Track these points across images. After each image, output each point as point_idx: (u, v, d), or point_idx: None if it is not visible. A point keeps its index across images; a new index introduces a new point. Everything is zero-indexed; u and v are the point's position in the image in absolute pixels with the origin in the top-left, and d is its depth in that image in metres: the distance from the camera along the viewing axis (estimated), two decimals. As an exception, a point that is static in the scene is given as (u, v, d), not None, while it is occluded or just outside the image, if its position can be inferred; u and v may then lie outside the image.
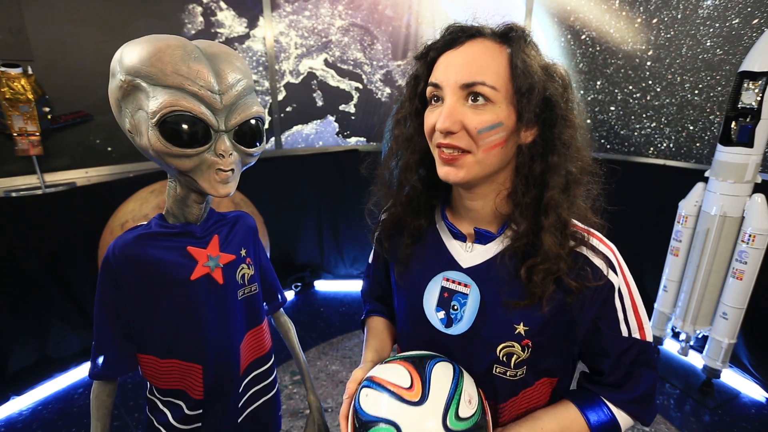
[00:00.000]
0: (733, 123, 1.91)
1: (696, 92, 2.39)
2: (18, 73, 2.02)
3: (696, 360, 2.40)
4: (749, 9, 2.12)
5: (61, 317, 2.28)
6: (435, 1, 2.99)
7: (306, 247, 3.30)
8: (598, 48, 2.72)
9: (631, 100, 2.66)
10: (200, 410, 0.88)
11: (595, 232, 0.70)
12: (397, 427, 0.57)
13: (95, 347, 0.83)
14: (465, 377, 0.64)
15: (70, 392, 2.23)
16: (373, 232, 0.86)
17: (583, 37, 2.77)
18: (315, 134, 3.16)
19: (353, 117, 3.18)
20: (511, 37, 0.63)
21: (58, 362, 2.29)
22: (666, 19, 2.43)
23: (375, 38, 3.02)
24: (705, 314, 2.16)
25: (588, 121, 2.82)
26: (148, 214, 1.96)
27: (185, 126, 0.66)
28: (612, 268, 0.67)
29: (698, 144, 2.44)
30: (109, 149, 2.43)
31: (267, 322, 1.02)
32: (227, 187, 0.74)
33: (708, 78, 2.33)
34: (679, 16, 2.38)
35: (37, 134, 2.10)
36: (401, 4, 2.97)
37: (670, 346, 2.54)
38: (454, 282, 0.71)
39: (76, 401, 2.16)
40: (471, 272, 0.70)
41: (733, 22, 2.19)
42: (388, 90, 3.15)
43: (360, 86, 3.11)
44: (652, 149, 2.63)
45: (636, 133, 2.68)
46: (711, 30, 2.27)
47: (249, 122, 0.73)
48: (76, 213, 2.23)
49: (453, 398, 0.60)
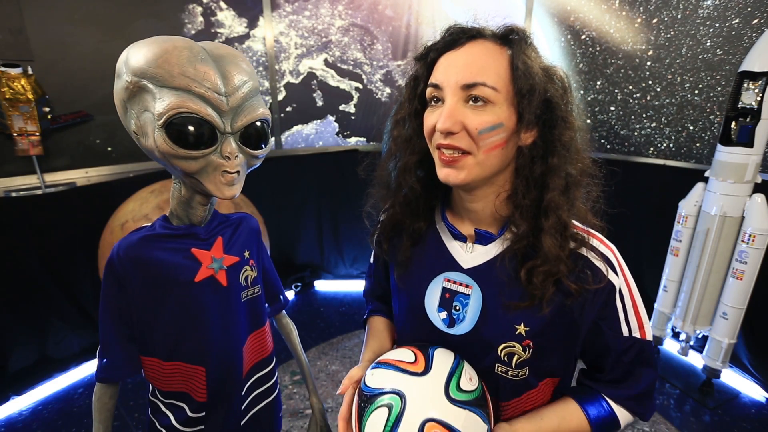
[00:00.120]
0: (733, 123, 1.91)
1: (696, 92, 2.39)
2: (18, 73, 2.02)
3: (696, 360, 2.40)
4: (749, 9, 2.12)
5: (61, 317, 2.28)
6: (435, 1, 2.98)
7: (306, 247, 3.30)
8: (598, 48, 2.72)
9: (631, 100, 2.66)
10: (203, 413, 0.88)
11: (596, 233, 0.70)
12: (401, 395, 0.59)
13: (101, 350, 0.83)
14: (465, 363, 0.66)
15: (70, 392, 2.22)
16: (372, 235, 0.86)
17: (583, 37, 2.77)
18: (315, 134, 3.16)
19: (353, 117, 3.18)
20: (512, 39, 0.63)
21: (58, 362, 2.29)
22: (666, 19, 2.43)
23: (375, 38, 3.02)
24: (705, 314, 2.16)
25: (588, 121, 2.82)
26: (148, 214, 1.96)
27: (191, 128, 0.66)
28: (612, 269, 0.67)
29: (698, 144, 2.44)
30: (109, 149, 2.43)
31: (269, 324, 1.01)
32: (233, 189, 0.73)
33: (708, 78, 2.33)
34: (679, 16, 2.38)
35: (37, 134, 2.10)
36: (401, 4, 2.97)
37: (670, 346, 2.54)
38: (456, 283, 0.71)
39: (76, 401, 2.16)
40: (472, 273, 0.70)
41: (733, 22, 2.19)
42: (388, 90, 3.15)
43: (360, 86, 3.11)
44: (652, 149, 2.63)
45: (636, 133, 2.68)
46: (711, 30, 2.27)
47: (255, 124, 0.73)
48: (76, 213, 2.23)
49: (455, 373, 0.63)
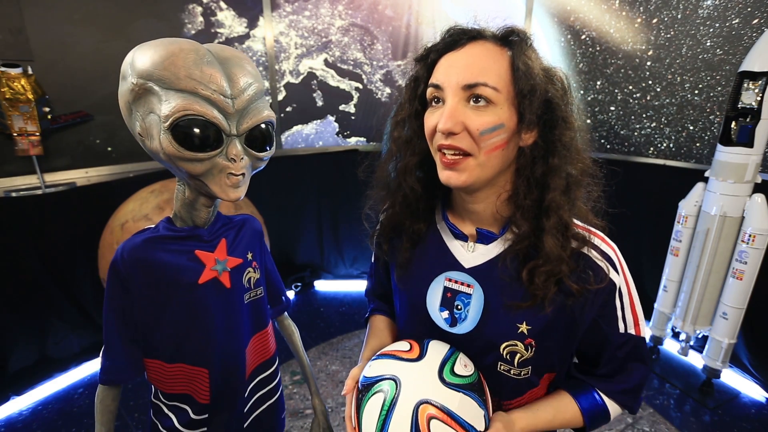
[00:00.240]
0: (733, 123, 1.91)
1: (696, 92, 2.39)
2: (18, 73, 2.02)
3: (696, 360, 2.40)
4: (749, 9, 2.12)
5: (61, 317, 2.28)
6: (435, 1, 2.98)
7: (306, 247, 3.30)
8: (598, 48, 2.72)
9: (631, 100, 2.66)
10: (206, 415, 0.88)
11: (597, 232, 0.70)
12: (396, 380, 0.62)
13: (105, 352, 0.83)
14: (462, 353, 0.68)
15: (70, 392, 2.22)
16: (372, 236, 0.86)
17: (583, 37, 2.77)
18: (315, 134, 3.16)
19: (353, 117, 3.18)
20: (512, 41, 0.63)
21: (58, 362, 2.29)
22: (666, 19, 2.43)
23: (375, 38, 3.02)
24: (705, 314, 2.16)
25: (588, 122, 2.82)
26: (148, 214, 1.96)
27: (197, 130, 0.66)
28: (614, 268, 0.68)
29: (698, 144, 2.44)
30: (109, 149, 2.43)
31: (272, 326, 1.01)
32: (238, 192, 0.73)
33: (708, 78, 2.33)
34: (679, 16, 2.38)
35: (37, 134, 2.10)
36: (401, 4, 2.97)
37: (670, 346, 2.54)
38: (457, 282, 0.71)
39: (76, 401, 2.16)
40: (473, 272, 0.70)
41: (733, 22, 2.19)
42: (388, 90, 3.15)
43: (360, 86, 3.11)
44: (652, 149, 2.63)
45: (636, 133, 2.68)
46: (711, 30, 2.27)
47: (260, 126, 0.73)
48: (76, 213, 2.23)
49: (449, 359, 0.65)
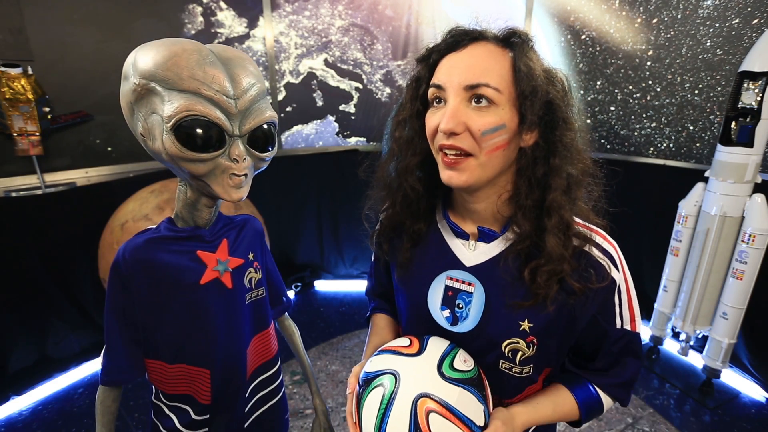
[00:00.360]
0: (733, 123, 1.91)
1: (696, 92, 2.39)
2: (18, 73, 2.02)
3: (696, 360, 2.40)
4: (749, 9, 2.12)
5: (61, 317, 2.28)
6: (435, 1, 2.98)
7: (306, 247, 3.30)
8: (598, 48, 2.72)
9: (631, 100, 2.66)
10: (207, 415, 0.88)
11: (598, 230, 0.71)
12: (396, 374, 0.62)
13: (106, 353, 0.83)
14: (462, 349, 0.68)
15: (70, 392, 2.22)
16: (372, 236, 0.86)
17: (583, 37, 2.77)
18: (315, 134, 3.16)
19: (353, 117, 3.17)
20: (514, 42, 0.64)
21: (58, 362, 2.29)
22: (666, 19, 2.43)
23: (375, 38, 3.02)
24: (705, 314, 2.16)
25: (588, 122, 2.82)
26: (148, 214, 1.96)
27: (200, 131, 0.66)
28: (614, 265, 0.69)
29: (698, 144, 2.44)
30: (109, 149, 2.43)
31: (273, 326, 1.01)
32: (240, 192, 0.74)
33: (708, 78, 2.33)
34: (679, 16, 2.38)
35: (37, 134, 2.10)
36: (401, 4, 2.97)
37: (670, 346, 2.53)
38: (458, 281, 0.72)
39: (76, 401, 2.16)
40: (474, 271, 0.71)
41: (733, 22, 2.19)
42: (388, 90, 3.15)
43: (360, 86, 3.11)
44: (652, 149, 2.63)
45: (636, 133, 2.68)
46: (711, 30, 2.27)
47: (262, 127, 0.73)
48: (76, 213, 2.23)
49: (448, 354, 0.65)
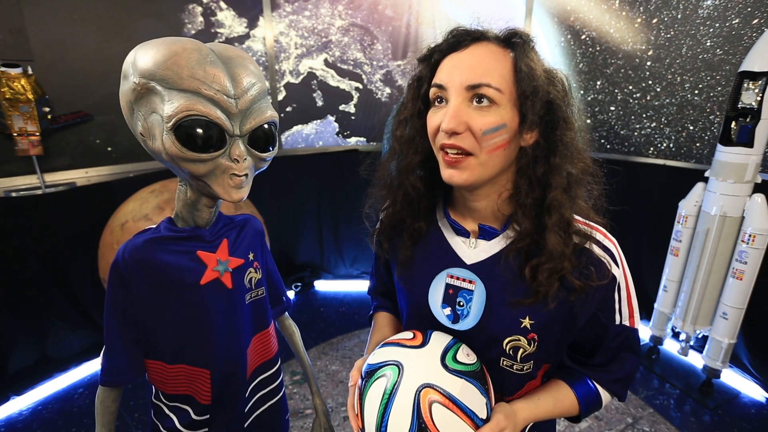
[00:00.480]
0: (733, 123, 1.91)
1: (696, 92, 2.39)
2: (18, 73, 2.02)
3: (696, 360, 2.40)
4: (749, 9, 2.12)
5: (61, 317, 2.28)
6: (435, 1, 2.98)
7: (306, 247, 3.30)
8: (598, 48, 2.72)
9: (631, 100, 2.66)
10: (207, 415, 0.88)
11: (599, 227, 0.72)
12: (399, 365, 0.63)
13: (106, 353, 0.83)
14: (464, 344, 0.69)
15: (70, 392, 2.23)
16: (372, 235, 0.86)
17: (583, 37, 2.77)
18: (315, 134, 3.16)
19: (353, 117, 3.17)
20: (515, 42, 0.64)
21: (58, 362, 2.29)
22: (666, 19, 2.43)
23: (375, 38, 3.02)
24: (705, 314, 2.16)
25: (588, 122, 2.82)
26: (148, 214, 1.96)
27: (201, 130, 0.65)
28: (614, 262, 0.69)
29: (698, 144, 2.44)
30: (109, 149, 2.43)
31: (273, 326, 1.01)
32: (241, 192, 0.73)
33: (708, 78, 2.33)
34: (679, 16, 2.38)
35: (37, 134, 2.10)
36: (401, 4, 2.97)
37: (670, 346, 2.53)
38: (459, 279, 0.72)
39: (76, 401, 2.16)
40: (475, 269, 0.71)
41: (733, 22, 2.19)
42: (388, 90, 3.15)
43: (360, 86, 3.11)
44: (652, 149, 2.63)
45: (636, 133, 2.68)
46: (711, 30, 2.27)
47: (263, 127, 0.72)
48: (76, 213, 2.23)
49: (452, 348, 0.66)
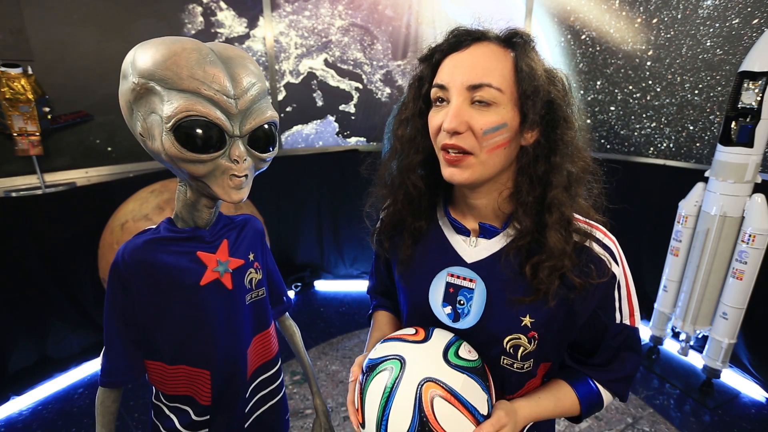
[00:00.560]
0: (733, 123, 1.90)
1: (696, 92, 2.39)
2: (18, 73, 2.02)
3: (696, 360, 2.40)
4: (749, 9, 2.12)
5: (61, 317, 2.28)
6: (435, 1, 2.98)
7: (306, 247, 3.30)
8: (598, 48, 2.72)
9: (631, 100, 2.66)
10: (207, 416, 0.88)
11: (598, 226, 0.72)
12: (401, 359, 0.63)
13: (106, 354, 0.82)
14: (465, 342, 0.69)
15: (70, 392, 2.22)
16: (372, 234, 0.87)
17: (583, 37, 2.77)
18: (315, 134, 3.16)
19: (353, 117, 3.17)
20: (516, 42, 0.64)
21: (58, 362, 2.29)
22: (666, 19, 2.43)
23: (375, 38, 3.02)
24: (705, 314, 2.16)
25: (588, 122, 2.82)
26: (148, 214, 1.96)
27: (200, 131, 0.65)
28: (614, 260, 0.69)
29: (698, 144, 2.44)
30: (109, 149, 2.43)
31: (274, 326, 1.01)
32: (240, 193, 0.73)
33: (708, 78, 2.33)
34: (679, 16, 2.38)
35: (37, 134, 2.10)
36: (401, 4, 2.97)
37: (670, 346, 2.53)
38: (459, 277, 0.72)
39: (76, 401, 2.16)
40: (475, 267, 0.71)
41: (733, 22, 2.19)
42: (388, 90, 3.15)
43: (360, 86, 3.11)
44: (652, 149, 2.63)
45: (636, 133, 2.68)
46: (711, 30, 2.27)
47: (263, 127, 0.72)
48: (76, 213, 2.23)
49: (454, 344, 0.66)
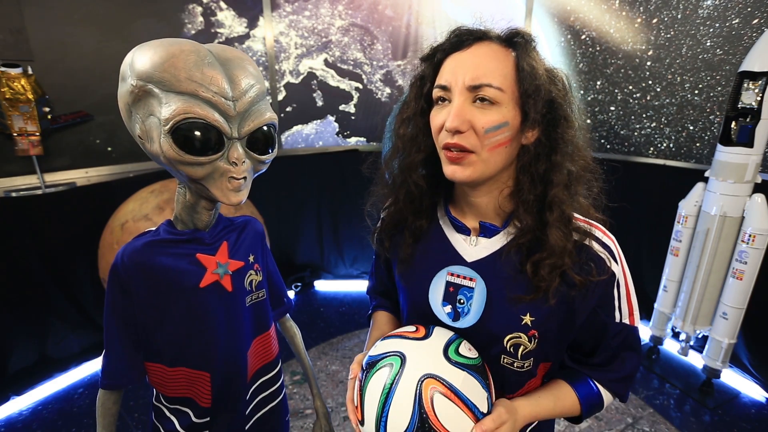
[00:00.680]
0: (733, 123, 1.90)
1: (696, 92, 2.39)
2: (18, 73, 2.02)
3: (696, 360, 2.40)
4: (749, 9, 2.12)
5: (61, 317, 2.28)
6: (435, 1, 2.98)
7: (306, 247, 3.30)
8: (598, 48, 2.72)
9: (631, 100, 2.66)
10: (208, 418, 0.88)
11: (598, 224, 0.72)
12: (402, 356, 0.63)
13: (106, 356, 0.82)
14: (465, 340, 0.69)
15: (70, 392, 2.22)
16: (373, 233, 0.87)
17: (583, 37, 2.77)
18: (315, 134, 3.16)
19: (353, 117, 3.17)
20: (517, 42, 0.65)
21: (58, 362, 2.29)
22: (666, 19, 2.43)
23: (375, 38, 3.02)
24: (705, 314, 2.16)
25: (588, 121, 2.82)
26: (148, 214, 1.96)
27: (198, 133, 0.64)
28: (614, 259, 0.70)
29: (698, 144, 2.44)
30: (109, 149, 2.43)
31: (274, 328, 1.01)
32: (239, 195, 0.73)
33: (708, 78, 2.33)
34: (679, 16, 2.38)
35: (37, 134, 2.10)
36: (401, 4, 2.97)
37: (670, 346, 2.53)
38: (459, 276, 0.72)
39: (76, 401, 2.16)
40: (476, 266, 0.71)
41: (733, 22, 2.19)
42: (388, 90, 3.15)
43: (360, 86, 3.11)
44: (652, 149, 2.63)
45: (636, 133, 2.68)
46: (711, 30, 2.27)
47: (261, 129, 0.72)
48: (76, 213, 2.23)
49: (454, 341, 0.66)
